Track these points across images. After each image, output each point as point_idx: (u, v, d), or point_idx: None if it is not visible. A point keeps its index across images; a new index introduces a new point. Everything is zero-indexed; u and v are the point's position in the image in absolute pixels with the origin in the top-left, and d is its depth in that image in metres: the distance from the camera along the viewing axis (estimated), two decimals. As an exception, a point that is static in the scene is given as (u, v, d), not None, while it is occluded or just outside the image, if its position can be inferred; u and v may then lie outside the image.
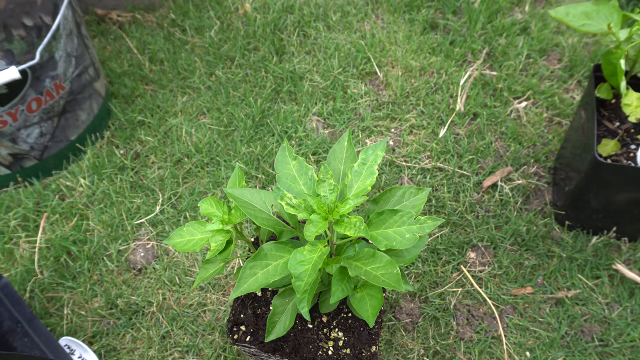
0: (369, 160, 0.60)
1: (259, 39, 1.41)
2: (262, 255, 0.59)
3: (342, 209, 0.55)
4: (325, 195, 0.57)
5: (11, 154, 1.14)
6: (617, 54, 0.87)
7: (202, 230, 0.65)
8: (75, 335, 0.98)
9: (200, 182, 1.16)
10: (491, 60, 1.33)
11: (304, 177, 0.60)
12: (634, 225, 0.99)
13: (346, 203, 0.55)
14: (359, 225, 0.54)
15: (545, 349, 0.92)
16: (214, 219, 0.64)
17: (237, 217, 0.63)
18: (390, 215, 0.58)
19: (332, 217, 0.55)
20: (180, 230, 0.66)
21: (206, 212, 0.65)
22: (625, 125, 0.97)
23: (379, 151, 0.60)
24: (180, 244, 0.65)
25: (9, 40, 1.00)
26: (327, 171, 0.59)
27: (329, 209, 0.56)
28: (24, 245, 1.10)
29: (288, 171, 0.61)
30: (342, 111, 1.25)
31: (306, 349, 0.67)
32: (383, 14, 1.46)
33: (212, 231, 0.63)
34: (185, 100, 1.32)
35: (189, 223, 0.66)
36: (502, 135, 1.20)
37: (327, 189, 0.58)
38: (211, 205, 0.65)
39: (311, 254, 0.54)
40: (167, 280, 1.03)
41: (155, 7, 1.54)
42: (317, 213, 0.55)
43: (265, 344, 0.68)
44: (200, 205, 0.66)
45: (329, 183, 0.58)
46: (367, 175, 0.59)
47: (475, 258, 1.03)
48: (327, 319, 0.70)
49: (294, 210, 0.56)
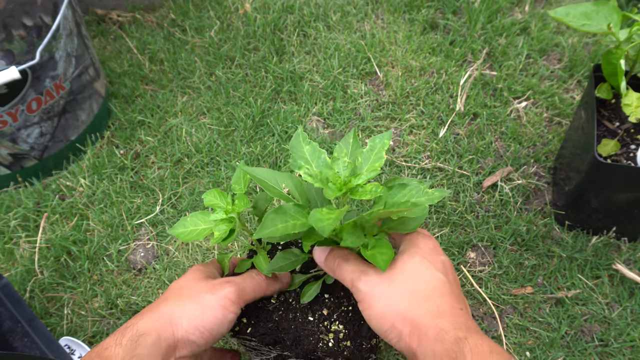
0: (377, 147, 0.63)
1: (259, 39, 1.41)
2: (283, 211, 0.60)
3: (355, 182, 0.58)
4: (339, 171, 0.60)
5: (11, 154, 1.14)
6: (617, 54, 0.87)
7: (206, 220, 0.66)
8: (75, 335, 0.99)
9: (200, 182, 1.17)
10: (491, 60, 1.33)
11: (316, 160, 0.62)
12: (634, 225, 0.99)
13: (359, 177, 0.58)
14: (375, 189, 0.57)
15: (545, 348, 0.92)
16: (218, 209, 0.65)
17: (241, 206, 0.64)
18: (400, 190, 0.62)
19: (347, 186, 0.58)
20: (184, 221, 0.66)
21: (210, 203, 0.66)
22: (625, 125, 0.97)
23: (385, 140, 0.63)
24: (184, 234, 0.65)
25: (9, 40, 1.00)
26: (342, 150, 0.62)
27: (343, 181, 0.59)
28: (24, 245, 1.10)
29: (301, 154, 0.63)
30: (342, 111, 1.25)
31: (307, 341, 0.67)
32: (383, 14, 1.46)
33: (216, 220, 0.64)
34: (185, 100, 1.32)
35: (192, 214, 0.67)
36: (502, 135, 1.20)
37: (342, 166, 0.60)
38: (215, 197, 0.66)
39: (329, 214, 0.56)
40: (167, 280, 1.03)
41: (155, 7, 1.54)
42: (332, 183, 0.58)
43: (266, 336, 0.68)
44: (204, 196, 0.67)
45: (343, 161, 0.61)
46: (375, 159, 0.62)
47: (475, 258, 1.03)
48: (327, 312, 0.70)
49: (312, 179, 0.58)
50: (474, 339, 0.51)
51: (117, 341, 0.55)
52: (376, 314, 0.56)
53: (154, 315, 0.59)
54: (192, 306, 0.60)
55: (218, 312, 0.60)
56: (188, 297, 0.61)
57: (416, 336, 0.53)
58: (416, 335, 0.53)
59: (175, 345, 0.58)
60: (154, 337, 0.56)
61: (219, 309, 0.60)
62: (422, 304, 0.54)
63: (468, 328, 0.53)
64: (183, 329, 0.58)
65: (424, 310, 0.54)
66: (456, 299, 0.56)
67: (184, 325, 0.58)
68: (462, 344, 0.50)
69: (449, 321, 0.53)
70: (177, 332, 0.58)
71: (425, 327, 0.53)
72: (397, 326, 0.54)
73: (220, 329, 0.61)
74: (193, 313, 0.59)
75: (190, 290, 0.62)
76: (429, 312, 0.54)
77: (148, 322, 0.58)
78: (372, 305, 0.56)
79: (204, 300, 0.61)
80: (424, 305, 0.54)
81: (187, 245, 1.08)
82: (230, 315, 0.61)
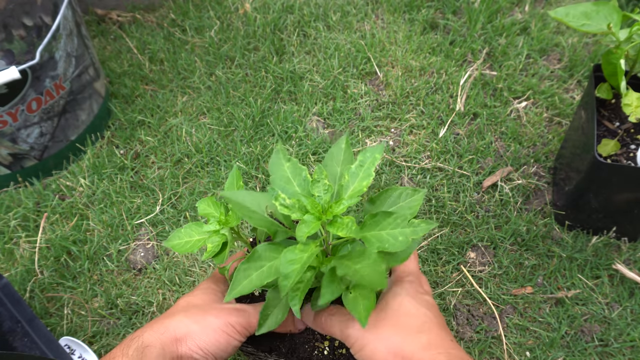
0: (367, 162, 0.59)
1: (259, 39, 1.41)
2: (256, 257, 0.58)
3: (336, 209, 0.54)
4: (319, 196, 0.57)
5: (11, 154, 1.14)
6: (617, 54, 0.87)
7: (200, 231, 0.65)
8: (75, 335, 0.99)
9: (200, 182, 1.17)
10: (491, 60, 1.33)
11: (297, 178, 0.60)
12: (634, 225, 0.99)
13: (340, 204, 0.55)
14: (351, 226, 0.53)
15: (545, 348, 0.92)
16: (212, 219, 0.63)
17: (234, 220, 0.63)
18: (384, 218, 0.57)
19: (326, 217, 0.54)
20: (179, 232, 0.65)
21: (204, 212, 0.64)
22: (625, 125, 0.97)
23: (376, 154, 0.59)
24: (179, 246, 0.64)
25: (9, 40, 1.00)
26: (322, 171, 0.58)
27: (322, 209, 0.55)
28: (24, 245, 1.10)
29: (282, 173, 0.60)
30: (342, 111, 1.25)
31: (302, 349, 0.67)
32: (383, 14, 1.46)
33: (209, 232, 0.63)
34: (185, 100, 1.32)
35: (186, 225, 0.66)
36: (502, 135, 1.20)
37: (322, 189, 0.57)
38: (209, 206, 0.65)
39: (302, 253, 0.53)
40: (167, 280, 1.03)
41: (155, 7, 1.54)
42: (310, 213, 0.54)
43: (262, 343, 0.68)
44: (198, 205, 0.65)
45: (324, 183, 0.57)
46: (363, 177, 0.58)
47: (475, 258, 1.03)
48: None
49: (288, 210, 0.55)
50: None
51: (124, 352, 0.56)
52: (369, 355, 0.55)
53: (159, 328, 0.59)
54: (196, 326, 0.60)
55: (221, 338, 0.60)
56: (194, 316, 0.61)
57: None
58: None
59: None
60: (159, 349, 0.57)
61: (223, 335, 0.60)
62: (414, 338, 0.54)
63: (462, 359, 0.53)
64: (187, 347, 0.58)
65: (417, 343, 0.53)
66: (445, 332, 0.56)
67: (188, 343, 0.58)
68: None
69: (442, 354, 0.52)
70: (180, 349, 0.58)
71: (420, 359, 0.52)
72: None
73: (224, 354, 0.61)
74: (197, 334, 0.59)
75: (198, 309, 0.62)
76: (421, 345, 0.53)
77: (153, 335, 0.58)
78: (363, 347, 0.56)
79: (209, 324, 0.60)
80: (417, 339, 0.54)
81: (187, 245, 1.08)
82: (234, 342, 0.61)
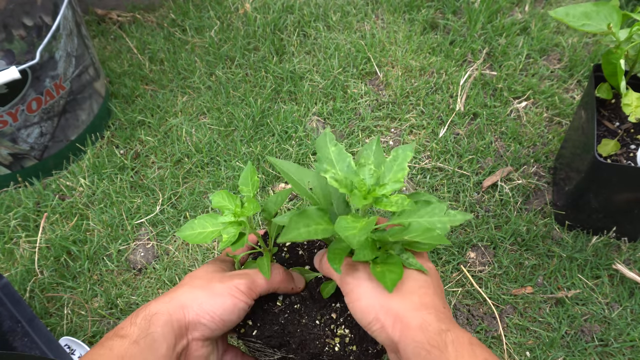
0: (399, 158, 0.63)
1: (259, 39, 1.41)
2: (306, 215, 0.61)
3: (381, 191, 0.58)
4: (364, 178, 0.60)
5: (11, 154, 1.14)
6: (617, 54, 0.87)
7: (214, 222, 0.66)
8: (75, 335, 0.99)
9: (200, 182, 1.17)
10: (491, 60, 1.33)
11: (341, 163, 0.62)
12: (634, 225, 0.99)
13: (384, 187, 0.58)
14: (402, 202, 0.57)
15: (545, 348, 0.92)
16: (226, 211, 0.64)
17: (250, 210, 0.63)
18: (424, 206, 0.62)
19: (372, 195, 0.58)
20: (192, 223, 0.66)
21: (218, 204, 0.65)
22: (625, 125, 0.97)
23: (408, 151, 0.63)
24: (192, 236, 0.65)
25: (9, 40, 1.00)
26: (368, 157, 0.63)
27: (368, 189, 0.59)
28: (24, 245, 1.10)
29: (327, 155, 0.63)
30: (342, 111, 1.25)
31: (312, 345, 0.67)
32: (383, 14, 1.46)
33: (224, 223, 0.64)
34: (185, 100, 1.32)
35: (200, 216, 0.66)
36: (502, 135, 1.20)
37: (367, 173, 0.61)
38: (223, 199, 0.66)
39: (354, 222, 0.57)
40: (167, 280, 1.03)
41: (155, 7, 1.54)
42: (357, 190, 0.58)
43: (271, 339, 0.68)
44: (212, 197, 0.66)
45: (369, 168, 0.61)
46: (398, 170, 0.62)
47: (475, 258, 1.03)
48: (335, 316, 0.70)
49: (337, 184, 0.58)
50: (456, 332, 0.53)
51: (132, 321, 0.58)
52: (361, 306, 0.57)
53: (165, 299, 0.62)
54: (202, 293, 0.62)
55: (227, 300, 0.62)
56: (200, 285, 0.63)
57: (399, 327, 0.54)
58: (399, 326, 0.54)
59: (187, 326, 0.60)
60: (166, 317, 0.59)
61: (229, 297, 0.62)
62: (406, 297, 0.56)
63: (451, 322, 0.55)
64: (194, 312, 0.60)
65: (408, 303, 0.56)
66: (439, 299, 0.58)
67: (194, 309, 0.61)
68: (444, 335, 0.52)
69: (432, 314, 0.54)
70: (188, 315, 0.60)
71: (409, 318, 0.54)
72: (380, 317, 0.55)
73: (231, 317, 0.63)
74: (203, 299, 0.61)
75: (203, 279, 0.65)
76: (412, 305, 0.55)
77: (160, 304, 0.60)
78: (358, 297, 0.58)
79: (214, 289, 0.63)
80: (408, 299, 0.56)
81: (187, 245, 1.08)
82: (241, 304, 0.63)
